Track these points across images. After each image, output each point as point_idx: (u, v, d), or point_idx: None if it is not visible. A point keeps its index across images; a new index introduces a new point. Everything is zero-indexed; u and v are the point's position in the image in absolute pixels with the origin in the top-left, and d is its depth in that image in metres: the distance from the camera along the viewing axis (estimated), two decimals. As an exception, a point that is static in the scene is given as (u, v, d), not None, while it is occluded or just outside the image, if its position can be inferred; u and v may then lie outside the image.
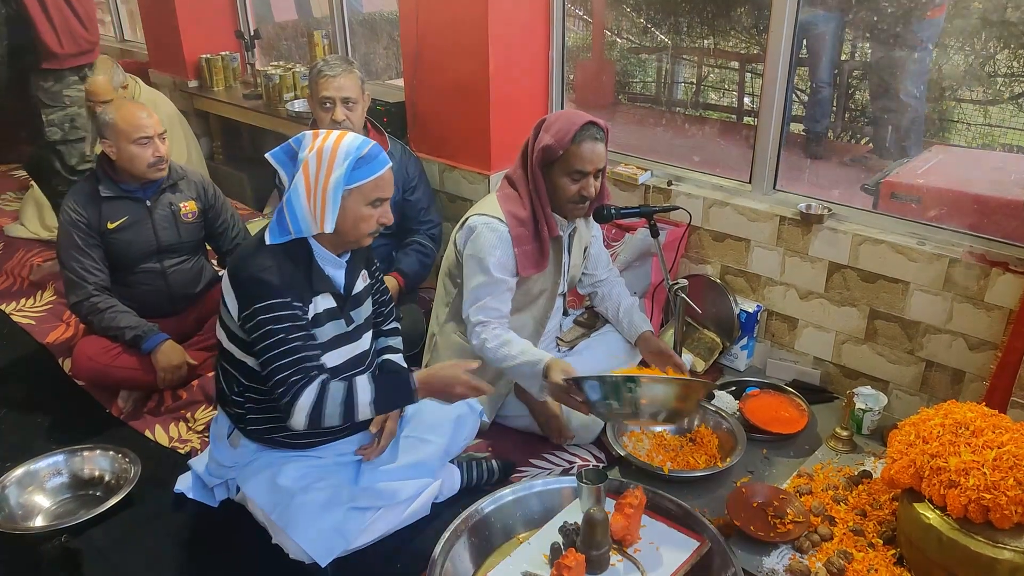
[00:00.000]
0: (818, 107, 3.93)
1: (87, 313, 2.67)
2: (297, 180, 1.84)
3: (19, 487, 2.31)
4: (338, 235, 1.92)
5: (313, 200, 1.83)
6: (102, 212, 2.69)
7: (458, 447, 2.25)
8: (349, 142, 1.85)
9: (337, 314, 2.01)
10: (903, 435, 2.01)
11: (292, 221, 1.86)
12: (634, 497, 1.89)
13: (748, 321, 2.89)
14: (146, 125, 2.64)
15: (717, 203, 2.91)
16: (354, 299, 2.06)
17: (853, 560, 2.01)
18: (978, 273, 2.40)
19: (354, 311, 2.06)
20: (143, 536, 2.16)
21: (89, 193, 2.71)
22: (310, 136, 1.88)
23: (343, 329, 2.03)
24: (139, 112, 2.66)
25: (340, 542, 1.91)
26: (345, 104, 2.74)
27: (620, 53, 4.89)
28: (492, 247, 2.32)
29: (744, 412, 2.59)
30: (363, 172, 1.85)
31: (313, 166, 1.83)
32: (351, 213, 1.88)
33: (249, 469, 2.06)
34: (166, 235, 2.78)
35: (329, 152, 1.83)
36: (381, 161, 1.89)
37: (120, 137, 2.63)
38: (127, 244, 2.72)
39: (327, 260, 1.96)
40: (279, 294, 1.85)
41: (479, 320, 2.33)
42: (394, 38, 4.68)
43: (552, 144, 2.26)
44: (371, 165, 1.86)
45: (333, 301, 2.00)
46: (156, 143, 2.67)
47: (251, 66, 4.78)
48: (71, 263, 2.67)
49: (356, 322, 2.07)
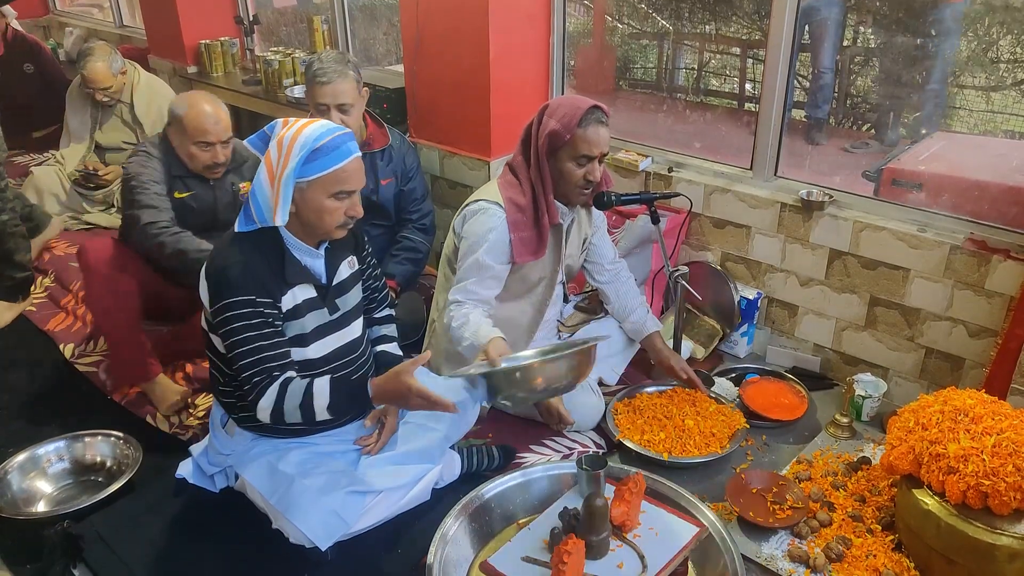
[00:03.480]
0: (820, 93, 3.91)
1: (157, 235, 2.60)
2: (260, 169, 1.85)
3: (21, 473, 2.32)
4: (306, 227, 1.92)
5: (273, 190, 1.83)
6: (171, 183, 2.72)
7: (458, 433, 2.25)
8: (308, 133, 1.82)
9: (319, 304, 2.00)
10: (902, 422, 2.01)
11: (256, 210, 1.86)
12: (634, 483, 1.89)
13: (748, 308, 2.89)
14: (211, 131, 2.63)
15: (718, 190, 2.90)
16: (337, 287, 2.05)
17: (852, 546, 2.01)
18: (979, 260, 2.40)
19: (339, 299, 2.05)
20: (144, 522, 2.17)
21: (161, 159, 2.72)
22: (280, 123, 1.88)
23: (327, 318, 2.02)
24: (208, 118, 2.62)
25: (340, 525, 1.92)
26: (340, 109, 2.72)
27: (621, 39, 4.86)
28: (486, 232, 2.32)
29: (744, 399, 2.60)
30: (319, 165, 1.82)
31: (274, 156, 1.83)
32: (313, 205, 1.86)
33: (247, 456, 2.06)
34: (226, 213, 2.79)
35: (288, 143, 1.82)
36: (342, 153, 1.84)
37: (183, 134, 2.64)
38: (190, 211, 2.74)
39: (302, 250, 1.96)
40: (243, 291, 1.85)
41: (455, 299, 2.34)
42: (394, 23, 4.65)
43: (559, 129, 2.25)
44: (328, 157, 1.82)
45: (313, 291, 1.99)
46: (217, 150, 2.67)
47: (250, 52, 4.76)
48: (150, 196, 2.63)
49: (342, 310, 2.06)
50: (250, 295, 1.86)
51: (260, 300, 1.87)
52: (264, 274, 1.90)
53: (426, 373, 2.40)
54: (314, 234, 1.95)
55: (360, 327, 2.14)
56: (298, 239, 1.94)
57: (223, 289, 1.87)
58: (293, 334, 1.98)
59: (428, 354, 1.94)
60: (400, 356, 2.28)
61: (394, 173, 2.96)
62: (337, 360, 2.06)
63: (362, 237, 2.16)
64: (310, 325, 1.99)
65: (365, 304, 2.21)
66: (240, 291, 1.86)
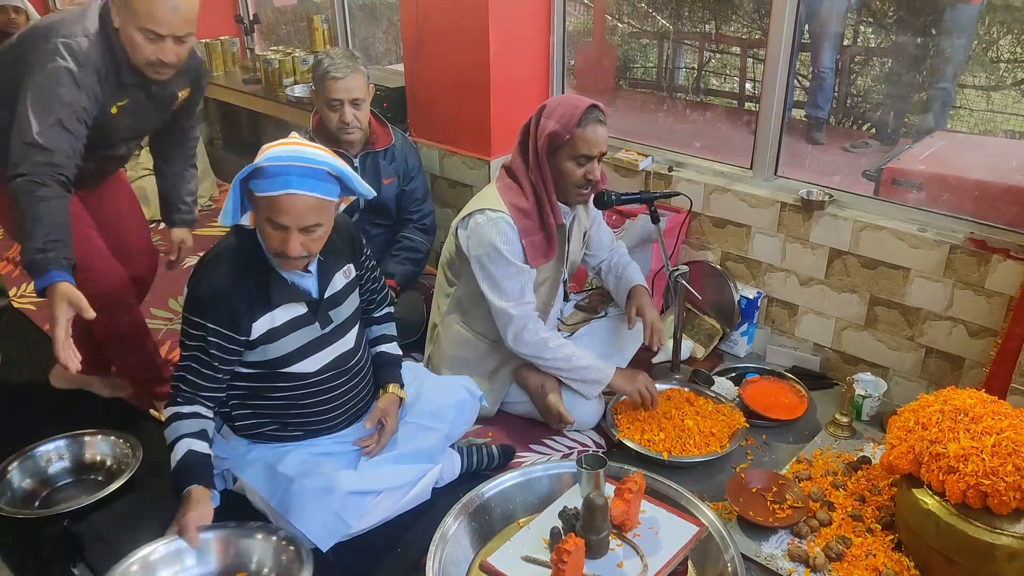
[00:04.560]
0: (820, 92, 3.91)
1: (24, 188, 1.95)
2: None
3: (21, 471, 2.31)
4: None
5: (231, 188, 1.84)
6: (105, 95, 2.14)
7: (458, 432, 2.25)
8: (271, 150, 1.79)
9: (309, 320, 1.98)
10: (902, 421, 2.01)
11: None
12: (633, 482, 1.89)
13: (748, 307, 2.89)
14: (162, 19, 2.01)
15: (718, 189, 2.90)
16: (330, 300, 2.02)
17: (851, 545, 2.02)
18: (979, 260, 2.40)
19: (333, 311, 2.03)
20: (144, 521, 2.16)
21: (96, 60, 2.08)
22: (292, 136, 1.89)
23: (318, 333, 2.00)
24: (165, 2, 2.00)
25: (341, 526, 1.91)
26: (354, 104, 2.73)
27: (621, 38, 4.86)
28: (502, 241, 2.31)
29: (744, 398, 2.60)
30: (257, 184, 1.78)
31: None
32: (257, 224, 1.85)
33: (245, 459, 2.06)
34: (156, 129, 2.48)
35: (261, 152, 1.82)
36: (278, 183, 1.74)
37: (129, 13, 2.03)
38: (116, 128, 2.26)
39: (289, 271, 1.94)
40: (203, 315, 1.87)
41: (526, 314, 2.37)
42: (394, 22, 4.65)
43: (558, 130, 2.25)
44: (266, 181, 1.75)
45: (304, 308, 1.97)
46: (167, 45, 2.07)
47: (250, 51, 4.75)
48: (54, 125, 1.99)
49: (335, 322, 2.04)
50: (207, 322, 1.86)
51: (216, 330, 1.87)
52: (239, 299, 1.87)
53: (427, 373, 2.41)
54: None
55: (355, 337, 2.12)
56: None
57: (188, 302, 1.91)
58: (272, 356, 1.96)
59: None
60: (399, 355, 2.27)
61: (396, 173, 2.96)
62: (330, 372, 2.05)
63: (360, 240, 2.13)
64: (294, 344, 1.97)
65: (364, 305, 2.21)
66: (199, 314, 1.87)
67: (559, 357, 2.40)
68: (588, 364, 2.42)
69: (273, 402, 2.04)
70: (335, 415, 2.10)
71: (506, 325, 2.37)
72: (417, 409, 2.20)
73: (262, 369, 1.99)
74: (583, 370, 2.42)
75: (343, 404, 2.11)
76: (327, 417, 2.09)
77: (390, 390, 2.16)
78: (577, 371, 2.42)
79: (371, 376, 2.21)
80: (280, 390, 2.02)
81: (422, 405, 2.21)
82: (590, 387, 2.44)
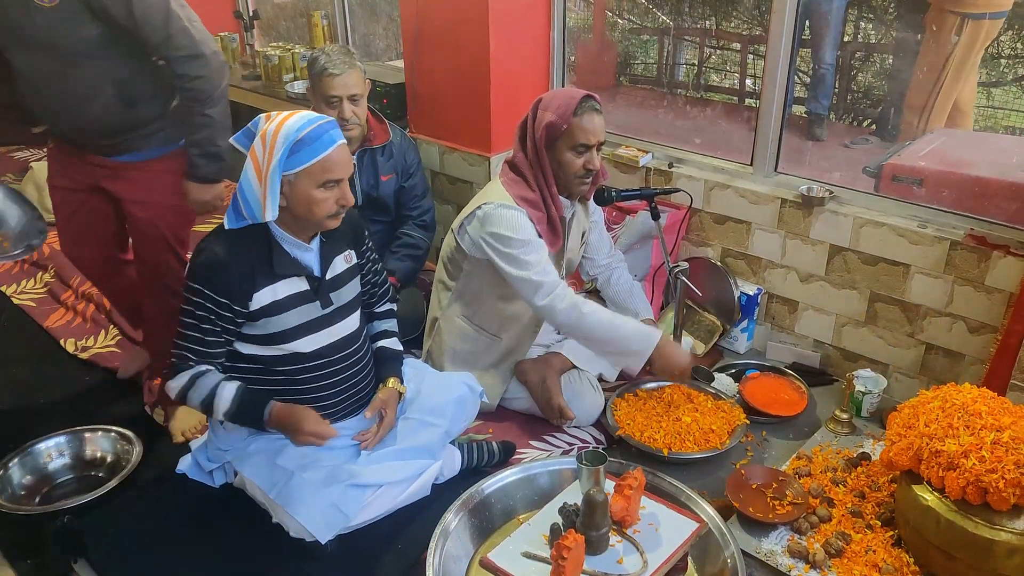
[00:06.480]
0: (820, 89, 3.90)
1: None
2: (247, 165, 1.85)
3: (21, 468, 2.32)
4: (297, 220, 1.92)
5: (260, 186, 1.83)
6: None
7: (459, 428, 2.25)
8: (289, 125, 1.82)
9: (310, 297, 2.00)
10: (902, 417, 2.02)
11: (246, 207, 1.86)
12: (633, 479, 1.90)
13: (748, 304, 2.89)
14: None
15: (718, 185, 2.90)
16: (332, 281, 2.04)
17: (851, 541, 2.02)
18: (979, 256, 2.40)
19: (334, 292, 2.04)
20: (145, 517, 2.17)
21: None
22: (263, 118, 1.87)
23: (318, 312, 2.02)
24: None
25: (340, 518, 1.92)
26: (352, 100, 2.73)
27: (621, 34, 4.86)
28: (515, 220, 2.29)
29: (744, 394, 2.60)
30: (303, 156, 1.81)
31: (259, 151, 1.83)
32: (302, 197, 1.86)
33: (246, 452, 2.06)
34: None
35: (271, 136, 1.81)
36: (325, 141, 1.83)
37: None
38: None
39: (291, 244, 1.96)
40: (203, 283, 1.89)
41: (555, 280, 2.28)
42: (394, 18, 4.64)
43: (556, 120, 2.25)
44: (312, 147, 1.81)
45: (305, 284, 1.99)
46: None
47: (250, 47, 4.75)
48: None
49: (336, 304, 2.05)
50: (207, 289, 1.88)
51: (215, 298, 1.89)
52: (238, 271, 1.89)
53: (427, 369, 2.41)
54: (306, 227, 1.95)
55: (356, 322, 2.13)
56: (288, 233, 1.94)
57: (189, 272, 1.93)
58: (274, 330, 1.97)
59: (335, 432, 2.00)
60: (400, 351, 2.28)
61: (395, 169, 2.96)
62: (330, 355, 2.06)
63: (363, 230, 2.14)
64: (295, 320, 1.98)
65: (365, 299, 2.21)
66: (200, 281, 1.89)
67: (602, 321, 2.25)
68: (630, 333, 2.28)
69: (273, 386, 2.04)
70: (335, 401, 2.11)
71: (536, 292, 2.26)
72: (417, 405, 2.21)
73: (262, 345, 2.00)
74: (625, 340, 2.27)
75: (343, 391, 2.12)
76: (328, 403, 2.09)
77: (390, 384, 2.17)
78: (619, 341, 2.28)
79: (372, 368, 2.21)
80: (280, 373, 2.03)
81: (422, 401, 2.21)
82: (633, 359, 2.29)
